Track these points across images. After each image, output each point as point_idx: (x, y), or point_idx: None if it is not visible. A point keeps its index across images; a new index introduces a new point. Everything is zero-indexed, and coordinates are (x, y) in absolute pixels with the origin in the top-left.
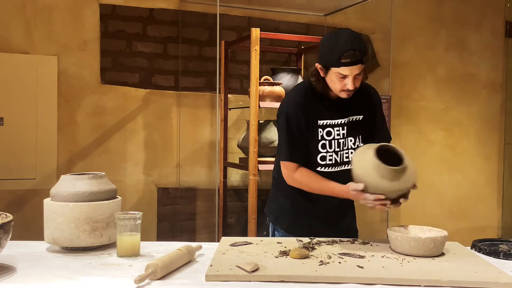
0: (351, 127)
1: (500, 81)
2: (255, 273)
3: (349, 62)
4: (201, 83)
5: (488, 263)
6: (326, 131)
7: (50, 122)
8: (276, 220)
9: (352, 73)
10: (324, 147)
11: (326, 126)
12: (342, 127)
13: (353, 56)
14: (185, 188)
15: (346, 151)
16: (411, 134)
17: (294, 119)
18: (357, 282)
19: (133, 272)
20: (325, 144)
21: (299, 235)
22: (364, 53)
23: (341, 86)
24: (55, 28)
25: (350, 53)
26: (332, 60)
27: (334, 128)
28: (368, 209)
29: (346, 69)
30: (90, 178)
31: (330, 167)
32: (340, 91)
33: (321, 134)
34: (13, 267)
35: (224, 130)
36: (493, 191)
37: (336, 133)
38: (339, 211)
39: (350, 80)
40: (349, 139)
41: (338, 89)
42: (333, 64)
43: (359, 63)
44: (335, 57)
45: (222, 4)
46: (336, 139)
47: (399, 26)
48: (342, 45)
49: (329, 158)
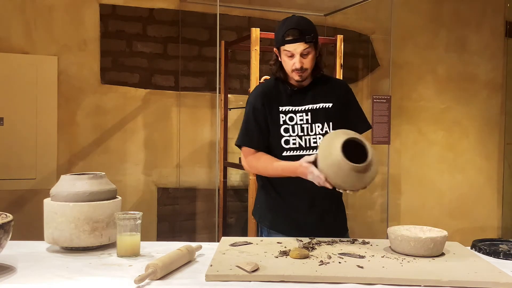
0: (316, 113)
1: (500, 81)
2: (255, 273)
3: (291, 39)
4: (201, 83)
5: (488, 263)
6: (289, 117)
7: (50, 122)
8: (261, 219)
9: (297, 51)
10: (287, 131)
11: (288, 112)
12: (305, 113)
13: (295, 34)
14: (185, 188)
15: (313, 136)
16: (411, 134)
17: (254, 108)
18: (357, 282)
19: (133, 272)
20: (288, 128)
21: (283, 232)
22: (307, 32)
23: (291, 66)
24: (55, 28)
25: (292, 31)
26: (279, 39)
27: (297, 114)
28: (364, 208)
29: (290, 46)
30: (90, 178)
31: (295, 150)
32: (291, 72)
33: (283, 119)
34: (13, 267)
35: (224, 130)
36: (493, 191)
37: (299, 119)
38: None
39: (297, 58)
40: (317, 125)
41: (289, 70)
42: (280, 43)
43: (301, 41)
44: (280, 35)
45: (222, 4)
46: (299, 124)
47: (399, 26)
48: (286, 25)
49: (292, 141)
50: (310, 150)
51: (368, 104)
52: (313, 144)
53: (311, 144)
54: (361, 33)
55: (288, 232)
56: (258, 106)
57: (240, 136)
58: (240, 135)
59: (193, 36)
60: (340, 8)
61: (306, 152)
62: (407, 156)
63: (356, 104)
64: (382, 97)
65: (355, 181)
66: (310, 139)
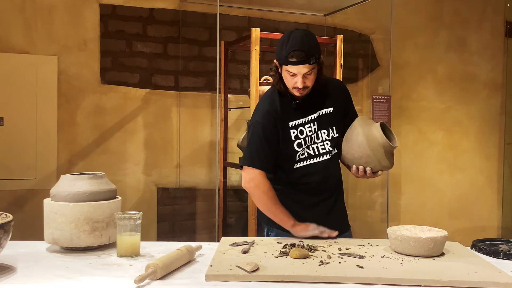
0: (321, 121)
1: (500, 81)
2: (255, 273)
3: (295, 61)
4: (201, 83)
5: (488, 263)
6: (299, 130)
7: (50, 122)
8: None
9: (300, 72)
10: (300, 146)
11: (298, 126)
12: (312, 123)
13: (299, 56)
14: (185, 188)
15: (320, 143)
16: (411, 134)
17: (264, 128)
18: (357, 282)
19: (133, 272)
20: (301, 143)
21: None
22: (311, 54)
23: (292, 84)
24: (55, 28)
25: (296, 53)
26: (282, 58)
27: (305, 125)
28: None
29: (293, 68)
30: (90, 178)
31: (304, 160)
32: (292, 88)
33: (294, 134)
34: (13, 267)
35: (224, 130)
36: (493, 191)
37: (308, 130)
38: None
39: (299, 78)
40: (322, 131)
41: (290, 86)
42: (283, 62)
43: (306, 63)
44: (284, 55)
45: (222, 4)
46: (308, 136)
47: (399, 26)
48: (290, 44)
49: (301, 153)
50: (319, 158)
51: (368, 104)
52: (321, 151)
53: (319, 151)
54: (361, 33)
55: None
56: (269, 126)
57: (248, 157)
58: (248, 156)
59: (193, 36)
60: (340, 8)
61: (316, 160)
62: (407, 156)
63: (352, 104)
64: (382, 97)
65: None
66: (318, 146)
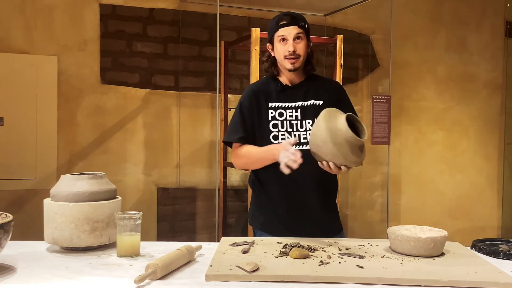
0: (306, 110)
1: (500, 81)
2: (255, 273)
3: (285, 23)
4: (201, 83)
5: (488, 263)
6: (278, 112)
7: (50, 122)
8: (252, 220)
9: (291, 35)
10: (276, 127)
11: (278, 108)
12: (295, 109)
13: (288, 19)
14: (185, 188)
15: (303, 132)
16: (411, 134)
17: (242, 106)
18: (357, 282)
19: (133, 272)
20: (277, 124)
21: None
22: (300, 19)
23: (284, 51)
24: (55, 28)
25: (286, 17)
26: (273, 27)
27: (287, 110)
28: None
29: (283, 30)
30: (90, 178)
31: None
32: (284, 59)
33: (272, 115)
34: (13, 267)
35: (224, 130)
36: (493, 191)
37: (289, 115)
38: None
39: (290, 43)
40: (307, 121)
41: (282, 57)
42: (274, 30)
43: (295, 25)
44: (274, 23)
45: (222, 4)
46: (288, 120)
47: (399, 26)
48: (279, 15)
49: (281, 137)
50: (301, 146)
51: (368, 104)
52: (303, 140)
53: (301, 140)
54: (361, 33)
55: (280, 233)
56: (246, 104)
57: (228, 132)
58: (228, 132)
59: (193, 36)
60: (340, 8)
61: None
62: (407, 156)
63: (349, 104)
64: (382, 97)
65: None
66: (300, 135)
